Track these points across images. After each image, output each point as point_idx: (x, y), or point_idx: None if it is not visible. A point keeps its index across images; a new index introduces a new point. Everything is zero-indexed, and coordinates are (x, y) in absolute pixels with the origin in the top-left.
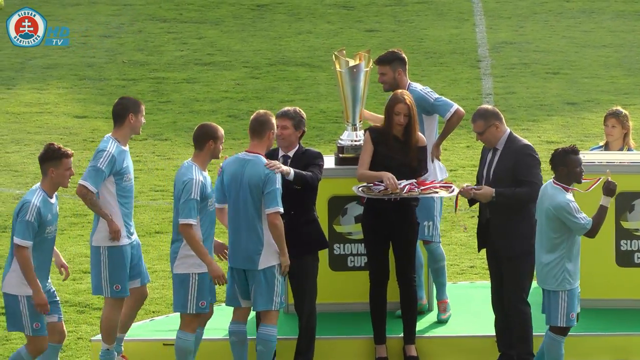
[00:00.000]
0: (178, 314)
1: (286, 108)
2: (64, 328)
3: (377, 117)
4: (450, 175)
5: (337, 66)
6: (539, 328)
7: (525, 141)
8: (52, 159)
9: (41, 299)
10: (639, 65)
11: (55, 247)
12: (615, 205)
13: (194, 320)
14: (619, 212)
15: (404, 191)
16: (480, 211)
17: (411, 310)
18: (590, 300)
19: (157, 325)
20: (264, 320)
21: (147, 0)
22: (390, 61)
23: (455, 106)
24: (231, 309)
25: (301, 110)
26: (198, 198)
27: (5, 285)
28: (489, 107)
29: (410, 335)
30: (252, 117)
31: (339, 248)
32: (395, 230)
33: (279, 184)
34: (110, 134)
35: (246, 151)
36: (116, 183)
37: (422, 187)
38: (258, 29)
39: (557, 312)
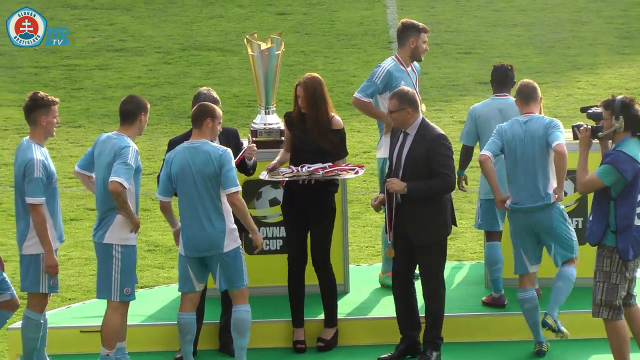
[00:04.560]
0: (96, 300)
1: (205, 91)
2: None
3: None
4: (364, 157)
5: (249, 50)
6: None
7: (440, 130)
8: (42, 106)
9: (53, 259)
10: (550, 43)
11: None
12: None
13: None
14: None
15: (305, 173)
16: (387, 194)
17: (328, 294)
18: None
19: (74, 313)
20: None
21: None
22: None
23: None
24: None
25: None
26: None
27: (24, 248)
28: (410, 91)
29: (328, 318)
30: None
31: None
32: (310, 215)
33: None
34: (116, 131)
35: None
36: (135, 180)
37: (326, 170)
38: (169, 14)
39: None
